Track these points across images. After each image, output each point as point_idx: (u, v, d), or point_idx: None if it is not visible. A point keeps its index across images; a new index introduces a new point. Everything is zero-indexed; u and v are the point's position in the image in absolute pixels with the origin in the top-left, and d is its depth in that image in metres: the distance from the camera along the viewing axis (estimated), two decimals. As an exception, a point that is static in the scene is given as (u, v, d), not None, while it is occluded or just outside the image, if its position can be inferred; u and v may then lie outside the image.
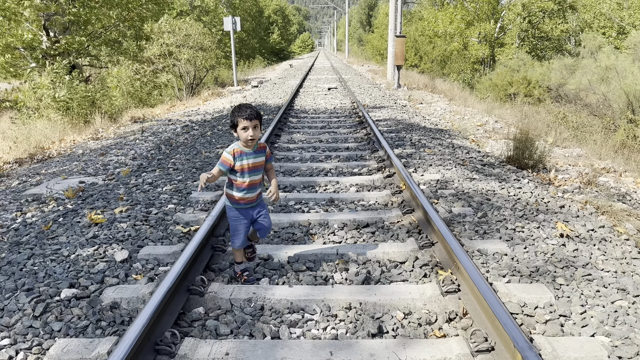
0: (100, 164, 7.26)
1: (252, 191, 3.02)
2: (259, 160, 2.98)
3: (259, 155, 2.99)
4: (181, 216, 4.24)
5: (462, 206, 4.37)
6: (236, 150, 2.93)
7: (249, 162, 2.94)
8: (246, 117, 2.82)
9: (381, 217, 4.17)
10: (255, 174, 2.99)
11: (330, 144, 7.37)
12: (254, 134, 2.86)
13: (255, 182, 3.02)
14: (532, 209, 4.35)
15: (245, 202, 3.02)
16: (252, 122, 2.84)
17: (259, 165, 3.00)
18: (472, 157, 6.48)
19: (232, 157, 2.92)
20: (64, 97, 14.16)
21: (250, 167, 2.95)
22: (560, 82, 24.89)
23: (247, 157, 2.93)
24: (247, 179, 2.96)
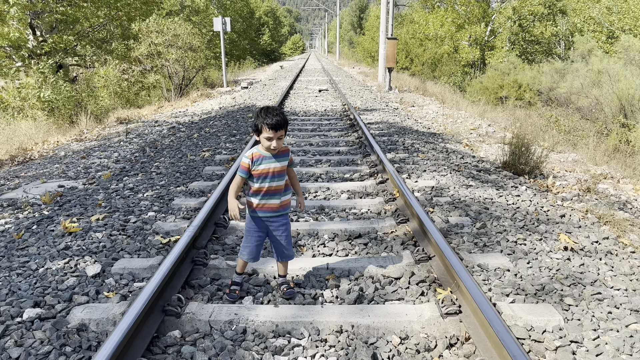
0: (81, 167, 6.97)
1: (272, 198, 2.76)
2: (280, 166, 2.73)
3: (281, 159, 2.74)
4: (161, 225, 3.97)
5: (459, 215, 4.15)
6: (255, 154, 2.71)
7: (269, 167, 2.71)
8: (272, 127, 2.56)
9: (374, 227, 3.93)
10: (275, 180, 2.74)
11: (321, 148, 7.13)
12: (277, 145, 2.63)
13: (276, 188, 2.76)
14: (532, 219, 4.14)
15: (264, 209, 2.77)
16: (278, 132, 2.60)
17: (280, 171, 2.74)
18: (466, 162, 6.28)
19: (250, 161, 2.71)
20: (49, 97, 13.80)
21: (270, 173, 2.72)
22: (551, 86, 24.90)
23: (266, 162, 2.70)
24: (266, 184, 2.73)
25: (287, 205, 2.85)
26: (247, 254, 2.86)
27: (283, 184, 2.78)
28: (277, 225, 2.82)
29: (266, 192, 2.74)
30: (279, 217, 2.82)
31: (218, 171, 5.77)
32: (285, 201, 2.83)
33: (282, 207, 2.81)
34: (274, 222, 2.81)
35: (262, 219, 2.80)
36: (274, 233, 2.82)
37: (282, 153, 2.75)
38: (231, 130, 8.57)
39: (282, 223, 2.83)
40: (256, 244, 2.84)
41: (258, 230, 2.82)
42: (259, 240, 2.84)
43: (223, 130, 8.56)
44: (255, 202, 2.77)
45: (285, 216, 2.86)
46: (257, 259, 2.90)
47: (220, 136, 8.05)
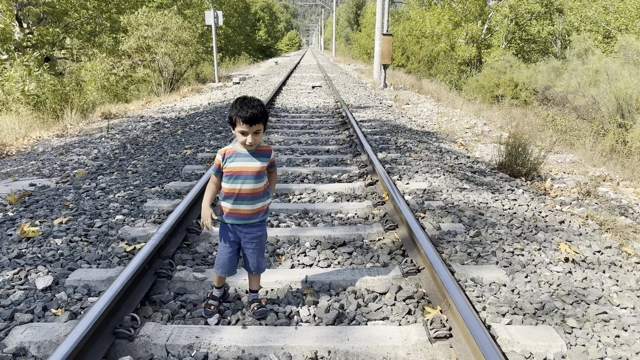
0: (58, 164, 6.64)
1: (245, 203, 2.40)
2: (257, 166, 2.38)
3: (260, 159, 2.40)
4: (128, 231, 3.64)
5: (452, 222, 3.85)
6: (228, 150, 2.40)
7: (243, 166, 2.37)
8: (246, 120, 2.24)
9: (360, 233, 3.63)
10: (250, 182, 2.38)
11: (310, 146, 6.82)
12: (253, 140, 2.30)
13: (251, 192, 2.40)
14: (530, 226, 3.84)
15: (234, 216, 2.43)
16: (254, 126, 2.27)
17: (257, 172, 2.39)
18: (461, 163, 5.98)
19: (222, 157, 2.39)
20: (33, 90, 13.41)
21: (244, 173, 2.37)
22: (547, 85, 24.67)
23: (240, 160, 2.37)
24: (238, 186, 2.38)
25: (263, 212, 2.50)
26: (219, 268, 2.52)
27: (261, 188, 2.43)
28: (250, 237, 2.48)
29: (238, 195, 2.39)
30: (252, 226, 2.47)
31: (198, 170, 5.44)
32: (262, 208, 2.47)
33: (256, 215, 2.46)
34: (247, 232, 2.47)
35: (235, 226, 2.46)
36: (246, 245, 2.49)
37: (263, 152, 2.41)
38: (217, 126, 8.24)
39: (255, 235, 2.48)
40: (229, 256, 2.50)
41: (230, 240, 2.48)
42: (232, 252, 2.50)
43: (209, 127, 8.23)
44: (225, 206, 2.44)
45: (260, 226, 2.50)
46: (232, 273, 2.56)
47: (205, 133, 7.72)
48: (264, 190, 2.47)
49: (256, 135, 2.30)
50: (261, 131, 2.32)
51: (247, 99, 2.29)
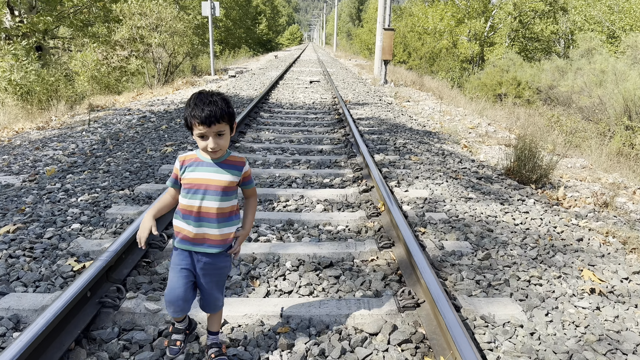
0: (31, 160, 6.13)
1: (204, 225, 1.90)
2: (224, 179, 1.89)
3: (228, 171, 1.90)
4: (82, 243, 3.14)
5: (457, 239, 3.35)
6: (188, 156, 1.92)
7: (205, 177, 1.88)
8: (203, 121, 1.76)
9: (350, 252, 3.13)
10: (212, 199, 1.88)
11: (302, 145, 6.31)
12: (215, 145, 1.81)
13: (214, 212, 1.89)
14: (546, 246, 3.34)
15: (189, 240, 1.92)
16: (213, 127, 1.78)
17: (223, 187, 1.89)
18: (465, 167, 5.48)
19: (180, 165, 1.91)
20: (21, 80, 12.89)
21: (204, 186, 1.87)
22: (551, 84, 24.15)
23: (202, 169, 1.89)
24: (197, 202, 1.88)
25: (227, 242, 1.96)
26: (170, 305, 1.96)
27: (226, 208, 1.92)
28: (209, 269, 1.96)
29: (199, 214, 1.89)
30: (211, 257, 1.94)
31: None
32: (225, 235, 1.95)
33: (221, 243, 1.94)
34: (206, 262, 1.95)
35: (188, 252, 1.95)
36: (202, 277, 1.97)
37: (233, 164, 1.92)
38: (205, 122, 7.73)
39: (217, 267, 1.97)
40: (183, 290, 1.94)
41: (184, 270, 1.95)
42: (186, 285, 1.94)
43: (196, 122, 7.72)
44: (179, 227, 1.93)
45: (222, 258, 1.97)
46: (186, 311, 2.00)
47: (191, 129, 7.20)
48: (234, 211, 1.97)
49: (219, 138, 1.82)
50: (226, 133, 1.84)
51: (204, 94, 1.81)
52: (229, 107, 1.83)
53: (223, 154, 1.90)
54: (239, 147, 6.17)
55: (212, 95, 1.81)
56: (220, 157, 1.89)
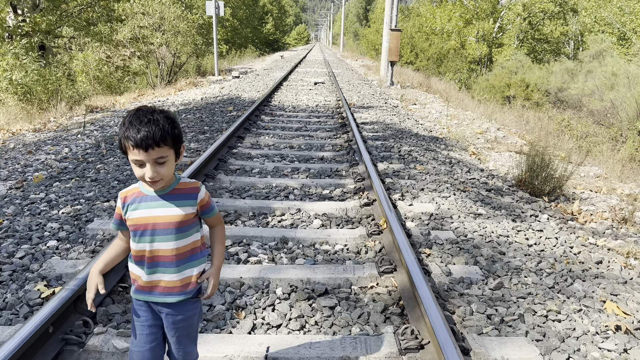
0: (21, 165, 5.91)
1: (164, 271, 1.60)
2: (174, 214, 1.56)
3: (179, 203, 1.57)
4: (55, 265, 2.88)
5: (466, 263, 3.06)
6: (130, 191, 1.60)
7: (150, 213, 1.56)
8: (138, 144, 1.44)
9: (348, 277, 2.84)
10: (166, 239, 1.57)
11: (302, 152, 6.04)
12: (154, 174, 1.48)
13: (171, 254, 1.58)
14: (563, 271, 3.05)
15: (146, 290, 1.63)
16: (151, 152, 1.45)
17: (175, 222, 1.57)
18: (474, 178, 5.18)
19: (122, 203, 1.59)
20: (22, 80, 12.72)
21: (151, 226, 1.56)
22: (560, 87, 23.76)
23: (146, 205, 1.57)
24: (146, 245, 1.57)
25: (191, 286, 1.65)
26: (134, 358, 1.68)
27: (186, 247, 1.60)
28: (175, 320, 1.66)
29: (151, 259, 1.59)
30: (174, 306, 1.64)
31: (167, 180, 4.67)
32: (188, 279, 1.63)
33: (182, 290, 1.63)
34: (169, 313, 1.65)
35: (147, 304, 1.65)
36: (169, 330, 1.68)
37: (184, 192, 1.59)
38: (202, 126, 7.46)
39: (182, 318, 1.66)
40: (149, 347, 1.66)
41: (148, 323, 1.66)
42: (153, 342, 1.67)
43: (193, 126, 7.46)
44: (135, 275, 1.64)
45: (188, 306, 1.66)
46: None
47: (188, 133, 6.94)
48: (197, 248, 1.65)
49: (160, 166, 1.48)
50: (169, 160, 1.50)
51: (144, 110, 1.49)
52: (174, 127, 1.50)
53: (169, 184, 1.57)
54: (237, 152, 5.90)
55: (154, 112, 1.48)
56: (166, 187, 1.56)
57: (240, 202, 4.09)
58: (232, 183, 4.69)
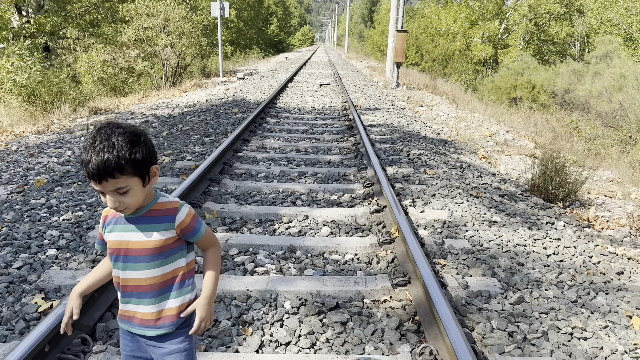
0: (23, 168, 5.81)
1: (138, 302, 1.41)
2: (148, 240, 1.36)
3: (154, 227, 1.37)
4: (54, 275, 2.76)
5: (483, 275, 2.92)
6: (110, 211, 1.42)
7: (122, 237, 1.38)
8: (90, 174, 1.25)
9: (359, 290, 2.71)
10: (139, 266, 1.38)
11: (309, 155, 5.91)
12: (115, 204, 1.30)
13: (144, 284, 1.39)
14: (585, 283, 2.90)
15: (123, 318, 1.46)
16: (105, 184, 1.26)
17: (149, 248, 1.37)
18: (486, 183, 5.03)
19: (102, 222, 1.45)
20: (25, 81, 12.67)
21: (123, 251, 1.39)
22: (567, 88, 23.56)
23: (120, 228, 1.39)
24: (120, 272, 1.41)
25: (171, 319, 1.43)
26: None
27: (164, 276, 1.40)
28: (158, 354, 1.46)
29: (123, 287, 1.42)
30: (160, 340, 1.44)
31: (171, 184, 4.55)
32: (166, 312, 1.42)
33: (159, 323, 1.42)
34: (149, 347, 1.47)
35: (133, 336, 1.48)
36: None
37: (161, 214, 1.37)
38: (207, 128, 7.35)
39: (166, 350, 1.45)
40: None
41: (132, 351, 1.49)
42: None
43: (198, 128, 7.34)
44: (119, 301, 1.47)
45: (174, 340, 1.45)
46: None
47: (192, 136, 6.83)
48: (177, 277, 1.42)
49: (122, 195, 1.29)
50: (133, 188, 1.29)
51: (101, 133, 1.26)
52: (135, 151, 1.26)
53: (144, 204, 1.36)
54: (242, 156, 5.78)
55: (112, 135, 1.24)
56: (140, 208, 1.36)
57: (246, 208, 3.96)
58: (238, 188, 4.57)
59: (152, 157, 1.33)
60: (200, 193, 4.23)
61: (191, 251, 1.47)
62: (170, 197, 1.43)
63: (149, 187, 1.35)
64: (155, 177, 1.36)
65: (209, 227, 1.47)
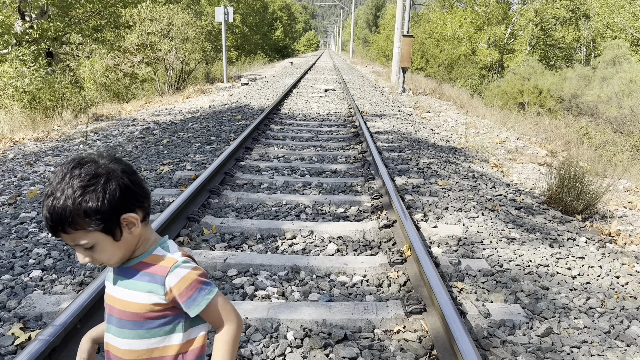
0: (18, 177, 5.62)
1: None
2: (131, 300, 1.09)
3: (139, 285, 1.09)
4: (36, 301, 2.53)
5: (505, 300, 2.66)
6: None
7: (109, 292, 1.14)
8: (48, 226, 1.01)
9: (370, 318, 2.46)
10: (118, 333, 1.11)
11: (314, 165, 5.67)
12: (84, 260, 1.05)
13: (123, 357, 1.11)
14: (616, 310, 2.65)
15: None
16: (66, 237, 1.01)
17: (130, 312, 1.09)
18: (500, 195, 4.78)
19: None
20: (27, 87, 12.54)
21: (108, 309, 1.14)
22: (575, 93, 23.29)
23: (110, 277, 1.15)
24: (105, 333, 1.16)
25: None
26: None
27: (150, 352, 1.10)
28: None
29: (106, 352, 1.16)
30: None
31: (168, 196, 4.32)
32: None
33: None
34: None
35: None
36: None
37: (148, 269, 1.09)
38: (209, 136, 7.13)
39: None
40: None
41: None
42: None
43: (200, 136, 7.12)
44: None
45: None
46: None
47: (193, 143, 6.61)
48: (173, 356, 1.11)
49: (90, 251, 1.03)
50: (98, 244, 1.02)
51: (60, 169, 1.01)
52: (87, 199, 0.97)
53: (138, 253, 1.10)
54: (245, 165, 5.55)
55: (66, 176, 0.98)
56: (133, 257, 1.10)
57: (247, 223, 3.73)
58: (239, 200, 4.34)
59: (119, 204, 1.01)
60: (199, 206, 4.00)
61: (197, 325, 1.14)
62: (171, 247, 1.11)
63: (133, 237, 1.05)
64: (136, 228, 1.05)
65: (222, 296, 1.12)
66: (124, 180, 1.03)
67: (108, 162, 1.04)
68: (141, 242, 1.09)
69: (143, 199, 1.07)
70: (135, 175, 1.07)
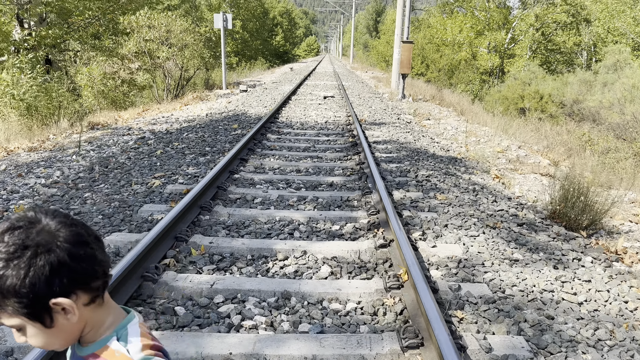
0: (8, 190, 5.48)
1: None
2: None
3: None
4: (7, 334, 2.37)
5: (508, 332, 2.50)
6: None
7: None
8: None
9: (363, 354, 2.30)
10: None
11: (310, 177, 5.52)
12: (19, 341, 0.85)
13: None
14: (626, 341, 2.48)
15: None
16: None
17: None
18: (502, 209, 4.61)
19: None
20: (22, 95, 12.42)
21: None
22: (576, 98, 23.14)
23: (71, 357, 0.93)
24: None
25: None
26: None
27: None
28: None
29: None
30: None
31: (158, 213, 4.17)
32: None
33: None
34: None
35: None
36: None
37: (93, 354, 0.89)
38: (204, 146, 6.98)
39: None
40: None
41: None
42: None
43: (194, 146, 6.98)
44: None
45: None
46: None
47: (187, 155, 6.46)
48: None
49: (19, 332, 0.84)
50: (27, 330, 0.83)
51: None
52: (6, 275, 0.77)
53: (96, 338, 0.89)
54: (239, 178, 5.40)
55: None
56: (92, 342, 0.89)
57: (237, 243, 3.57)
58: (231, 217, 4.18)
59: (46, 287, 0.79)
60: (188, 224, 3.85)
61: None
62: (131, 336, 0.88)
63: (71, 324, 0.84)
64: (73, 315, 0.83)
65: None
66: (59, 255, 0.80)
67: (47, 227, 0.82)
68: (90, 327, 0.89)
69: (89, 277, 0.84)
70: (83, 248, 0.84)
